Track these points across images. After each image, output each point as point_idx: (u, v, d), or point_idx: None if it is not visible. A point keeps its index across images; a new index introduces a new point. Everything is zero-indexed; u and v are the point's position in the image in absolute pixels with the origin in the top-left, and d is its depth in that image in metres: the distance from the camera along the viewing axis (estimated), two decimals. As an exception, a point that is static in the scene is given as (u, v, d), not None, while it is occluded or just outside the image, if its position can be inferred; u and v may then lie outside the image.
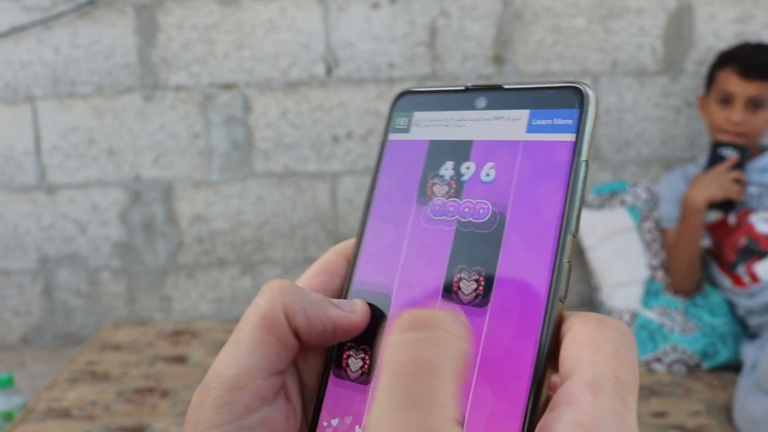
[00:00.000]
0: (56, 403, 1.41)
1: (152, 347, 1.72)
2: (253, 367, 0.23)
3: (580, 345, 0.21)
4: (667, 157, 1.92)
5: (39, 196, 1.98)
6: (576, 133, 0.24)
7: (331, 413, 0.26)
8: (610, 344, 0.21)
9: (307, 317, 0.24)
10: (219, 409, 0.23)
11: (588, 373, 0.20)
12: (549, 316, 0.22)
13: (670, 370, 1.53)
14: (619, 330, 0.21)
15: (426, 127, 0.28)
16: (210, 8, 1.89)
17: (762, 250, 1.56)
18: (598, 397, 0.19)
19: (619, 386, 0.20)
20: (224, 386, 0.23)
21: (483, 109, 0.27)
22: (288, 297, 0.24)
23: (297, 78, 1.92)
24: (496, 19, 1.88)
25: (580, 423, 0.19)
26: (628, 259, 1.71)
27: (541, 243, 0.23)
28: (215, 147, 1.95)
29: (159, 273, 2.01)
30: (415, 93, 0.29)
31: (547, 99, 0.25)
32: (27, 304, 2.04)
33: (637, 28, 1.87)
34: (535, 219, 0.24)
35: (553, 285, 0.23)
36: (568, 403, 0.19)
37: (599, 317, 0.22)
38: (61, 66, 1.92)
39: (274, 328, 0.24)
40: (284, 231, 1.99)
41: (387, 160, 0.29)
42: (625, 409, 0.19)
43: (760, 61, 1.55)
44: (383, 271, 0.27)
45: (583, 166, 0.24)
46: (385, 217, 0.28)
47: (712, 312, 1.60)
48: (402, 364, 0.18)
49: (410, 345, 0.18)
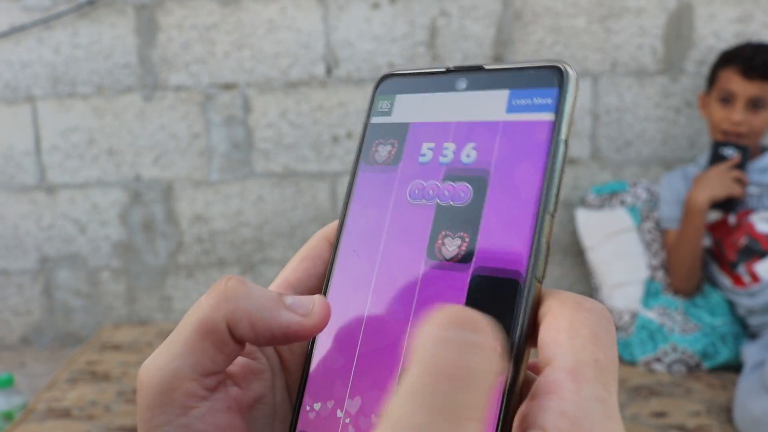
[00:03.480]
0: (56, 403, 1.41)
1: (152, 347, 1.72)
2: (183, 370, 0.23)
3: (558, 329, 0.20)
4: (667, 157, 1.92)
5: (39, 196, 1.98)
6: (555, 112, 0.24)
7: (313, 398, 0.26)
8: (587, 327, 0.20)
9: (251, 324, 0.23)
10: (153, 411, 0.23)
11: (568, 359, 0.20)
12: (527, 297, 0.22)
13: (670, 370, 1.53)
14: (596, 312, 0.21)
15: (407, 110, 0.28)
16: (210, 8, 1.89)
17: (762, 249, 1.56)
18: (581, 385, 0.19)
19: (600, 371, 0.19)
20: (154, 388, 0.23)
21: (464, 90, 0.27)
22: (232, 304, 0.23)
23: (297, 78, 1.92)
24: (496, 19, 1.88)
25: (564, 413, 0.18)
26: (628, 259, 1.71)
27: (519, 223, 0.23)
28: (215, 147, 1.95)
29: (159, 273, 2.01)
30: (398, 75, 0.29)
31: (527, 78, 0.25)
32: (27, 304, 2.04)
33: (637, 28, 1.87)
34: (514, 199, 0.24)
35: (531, 265, 0.22)
36: (551, 392, 0.19)
37: (576, 299, 0.21)
38: (61, 66, 1.92)
39: (212, 335, 0.23)
40: (284, 231, 1.99)
41: (368, 144, 0.29)
42: (607, 395, 0.19)
43: (763, 61, 1.55)
44: (364, 253, 0.27)
45: (561, 145, 0.23)
46: (367, 200, 0.28)
47: (712, 312, 1.60)
48: (443, 364, 0.16)
49: (454, 345, 0.17)
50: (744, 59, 1.56)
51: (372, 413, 0.24)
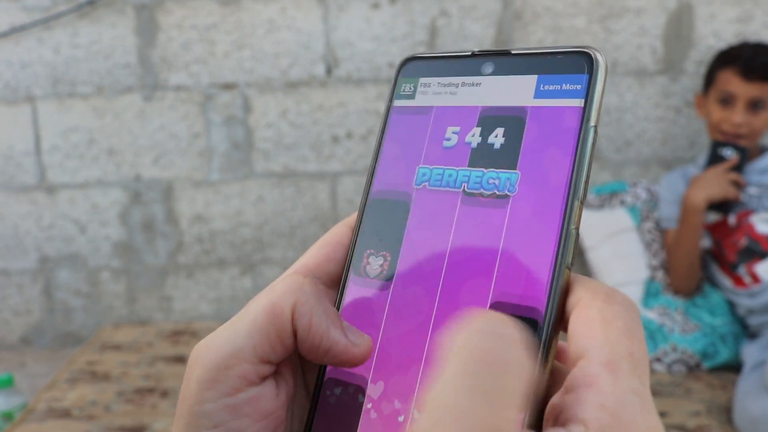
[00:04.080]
0: (56, 403, 1.41)
1: (152, 347, 1.72)
2: (245, 350, 0.23)
3: (590, 321, 0.21)
4: (667, 157, 1.92)
5: (39, 196, 1.98)
6: (585, 98, 0.24)
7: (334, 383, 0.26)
8: (620, 320, 0.20)
9: (310, 324, 0.24)
10: (204, 386, 0.23)
11: (603, 352, 0.20)
12: (556, 284, 0.22)
13: (670, 370, 1.53)
14: (627, 305, 0.21)
15: (432, 94, 0.28)
16: (210, 8, 1.89)
17: (763, 250, 1.56)
18: (618, 378, 0.19)
19: (635, 364, 0.20)
20: (211, 363, 0.23)
21: (490, 74, 0.26)
22: (303, 297, 0.24)
23: (297, 78, 1.92)
24: (496, 19, 1.88)
25: (603, 406, 0.18)
26: (628, 259, 1.71)
27: (548, 210, 0.23)
28: (215, 147, 1.95)
29: (159, 273, 2.01)
30: (421, 59, 0.28)
31: (556, 64, 0.25)
32: (27, 304, 2.04)
33: (637, 28, 1.87)
34: (542, 186, 0.24)
35: (560, 252, 0.22)
36: (588, 385, 0.19)
37: (607, 292, 0.22)
38: (61, 66, 1.92)
39: (278, 320, 0.23)
40: (284, 231, 1.99)
41: (391, 126, 0.28)
42: (642, 387, 0.19)
43: (762, 62, 1.54)
44: (387, 239, 0.26)
45: (591, 131, 0.23)
46: (389, 184, 0.27)
47: (712, 312, 1.60)
48: (483, 352, 0.17)
49: (493, 337, 0.18)
50: (743, 60, 1.56)
51: (395, 398, 0.24)
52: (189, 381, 0.23)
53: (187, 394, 0.23)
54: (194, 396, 0.23)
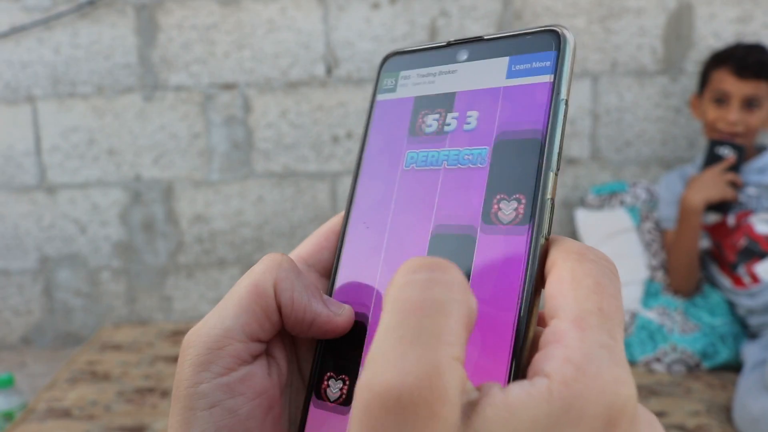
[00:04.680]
0: (56, 403, 1.41)
1: (152, 347, 1.72)
2: (234, 330, 0.24)
3: (561, 281, 0.21)
4: (667, 157, 1.92)
5: (39, 196, 1.98)
6: (554, 73, 0.24)
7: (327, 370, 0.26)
8: (590, 277, 0.20)
9: (292, 299, 0.25)
10: (198, 368, 0.23)
11: (572, 309, 0.20)
12: (533, 253, 0.22)
13: (669, 370, 1.53)
14: (599, 262, 0.21)
15: (411, 85, 0.29)
16: (210, 8, 1.89)
17: (762, 250, 1.56)
18: (585, 333, 0.19)
19: (604, 319, 0.19)
20: (204, 345, 0.24)
21: (465, 61, 0.27)
22: (282, 273, 0.25)
23: (297, 78, 1.92)
24: (496, 19, 1.88)
25: (569, 359, 0.18)
26: (628, 259, 1.71)
27: (522, 181, 0.24)
28: (215, 147, 1.95)
29: (159, 273, 2.01)
30: (401, 53, 0.29)
31: (526, 44, 0.25)
32: (27, 304, 2.04)
33: (637, 28, 1.87)
34: (516, 159, 0.24)
35: (536, 222, 0.23)
36: (556, 341, 0.19)
37: (579, 250, 0.21)
38: (61, 66, 1.93)
39: (262, 298, 0.24)
40: (284, 231, 1.99)
41: (375, 121, 0.29)
42: (612, 342, 0.19)
43: (755, 61, 1.56)
44: (374, 226, 0.27)
45: (562, 104, 0.24)
46: (374, 174, 0.28)
47: (712, 312, 1.60)
48: (409, 301, 0.18)
49: (419, 284, 0.18)
50: (737, 59, 1.57)
51: None
52: (183, 365, 0.24)
53: (182, 377, 0.24)
54: (189, 378, 0.23)
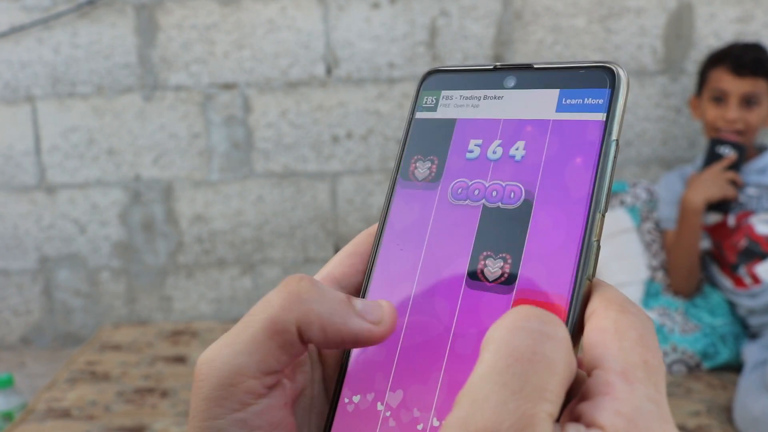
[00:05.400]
0: (56, 403, 1.41)
1: (152, 347, 1.72)
2: (248, 367, 0.23)
3: (604, 332, 0.21)
4: (667, 157, 1.92)
5: (39, 196, 1.98)
6: (607, 112, 0.24)
7: (352, 390, 0.26)
8: (634, 330, 0.21)
9: (322, 329, 0.23)
10: (211, 403, 0.23)
11: (618, 361, 0.20)
12: (577, 295, 0.22)
13: (670, 370, 1.53)
14: (640, 315, 0.21)
15: (454, 106, 0.28)
16: (210, 8, 1.89)
17: (762, 251, 1.56)
18: (634, 386, 0.19)
19: (650, 372, 0.20)
20: (217, 381, 0.23)
21: (512, 88, 0.27)
22: (305, 306, 0.23)
23: (297, 78, 1.92)
24: (496, 19, 1.88)
25: (619, 412, 0.19)
26: (628, 259, 1.71)
27: (569, 222, 0.23)
28: (215, 147, 1.95)
29: (159, 273, 2.01)
30: (443, 72, 0.29)
31: (578, 78, 0.25)
32: (27, 304, 2.04)
33: (637, 28, 1.87)
34: (564, 198, 0.24)
35: (582, 264, 0.23)
36: (605, 393, 0.19)
37: (620, 303, 0.22)
38: (61, 66, 1.92)
39: (281, 336, 0.23)
40: (284, 231, 1.99)
41: (413, 138, 0.28)
42: (658, 395, 0.20)
43: (752, 58, 1.57)
44: (407, 251, 0.26)
45: (613, 145, 0.24)
46: (410, 195, 0.27)
47: (712, 312, 1.60)
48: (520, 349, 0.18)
49: (530, 333, 0.18)
50: (733, 57, 1.58)
51: (414, 407, 0.24)
52: (197, 397, 0.23)
53: (197, 410, 0.23)
54: (203, 413, 0.23)
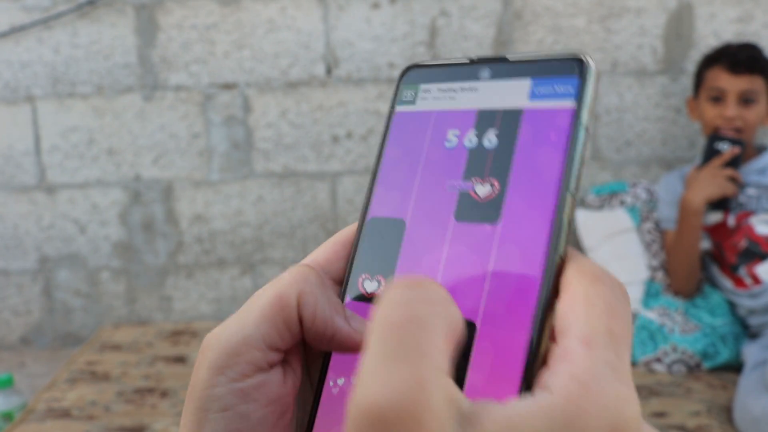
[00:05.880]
0: (56, 403, 1.41)
1: (152, 347, 1.72)
2: (254, 338, 0.24)
3: (574, 301, 0.21)
4: (667, 157, 1.92)
5: (39, 196, 1.98)
6: (576, 99, 0.25)
7: (337, 373, 0.26)
8: (602, 299, 0.21)
9: (314, 313, 0.25)
10: (215, 371, 0.24)
11: (581, 328, 0.20)
12: (549, 271, 0.23)
13: (670, 370, 1.53)
14: (611, 285, 0.22)
15: (432, 99, 0.29)
16: (210, 8, 1.89)
17: (762, 251, 1.56)
18: (592, 351, 0.20)
19: (613, 340, 0.20)
20: (222, 350, 0.24)
21: (487, 79, 0.28)
22: (307, 287, 0.25)
23: (297, 78, 1.92)
24: (496, 19, 1.88)
25: (574, 376, 0.19)
26: (628, 259, 1.71)
27: (541, 202, 0.24)
28: (215, 147, 1.95)
29: (159, 273, 2.01)
30: (422, 66, 0.30)
31: (550, 68, 0.26)
32: (27, 304, 2.03)
33: (637, 28, 1.87)
34: (536, 180, 0.25)
35: (553, 241, 0.23)
36: (563, 358, 0.20)
37: (593, 273, 0.22)
38: (61, 66, 1.92)
39: (285, 310, 0.25)
40: (284, 231, 1.99)
41: (393, 132, 0.30)
42: (618, 361, 0.20)
43: (748, 56, 1.58)
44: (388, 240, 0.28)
45: (582, 130, 0.25)
46: (390, 186, 0.28)
47: (713, 312, 1.60)
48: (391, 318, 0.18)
49: (402, 302, 0.19)
50: (729, 55, 1.60)
51: None
52: (200, 367, 0.24)
53: (198, 379, 0.24)
54: (205, 381, 0.24)
